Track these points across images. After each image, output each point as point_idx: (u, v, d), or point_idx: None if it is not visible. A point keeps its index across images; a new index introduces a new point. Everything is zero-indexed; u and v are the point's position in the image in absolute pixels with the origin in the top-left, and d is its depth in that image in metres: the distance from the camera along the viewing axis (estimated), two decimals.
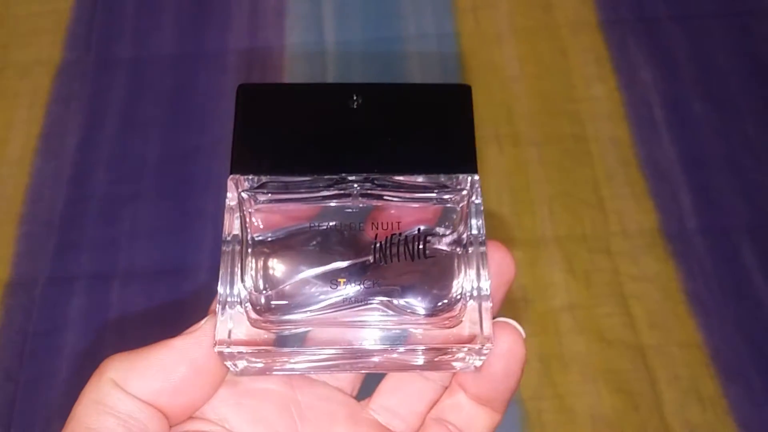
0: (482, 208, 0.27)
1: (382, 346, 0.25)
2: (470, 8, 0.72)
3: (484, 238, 0.26)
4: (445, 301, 0.26)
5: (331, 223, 0.27)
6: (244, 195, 0.27)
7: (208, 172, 0.64)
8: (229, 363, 0.25)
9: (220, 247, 0.26)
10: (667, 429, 0.53)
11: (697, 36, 0.70)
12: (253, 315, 0.26)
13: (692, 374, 0.55)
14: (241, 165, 0.27)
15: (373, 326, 0.26)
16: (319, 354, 0.26)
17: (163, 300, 0.58)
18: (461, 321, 0.26)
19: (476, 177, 0.27)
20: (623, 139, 0.65)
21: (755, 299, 0.57)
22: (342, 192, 0.27)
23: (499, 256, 0.27)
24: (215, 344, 0.25)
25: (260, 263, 0.26)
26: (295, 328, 0.26)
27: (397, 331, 0.26)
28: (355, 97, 0.27)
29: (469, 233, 0.26)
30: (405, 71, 0.68)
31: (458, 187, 0.27)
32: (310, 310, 0.26)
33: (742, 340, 0.56)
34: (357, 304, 0.26)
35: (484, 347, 0.25)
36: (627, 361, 0.55)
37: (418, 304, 0.26)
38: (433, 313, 0.26)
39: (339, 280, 0.26)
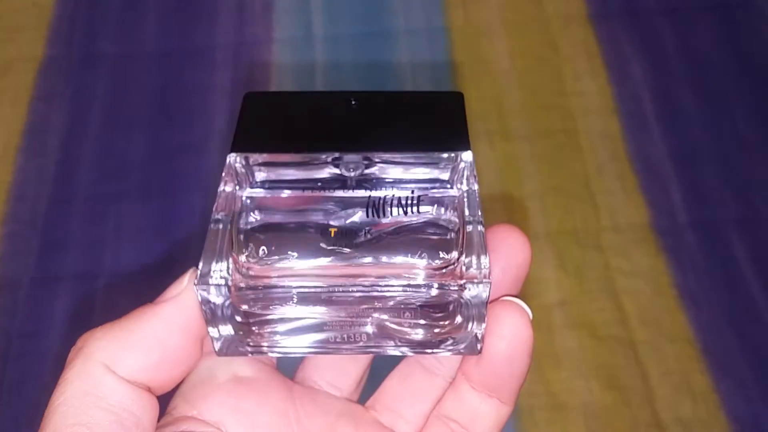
0: (477, 189, 0.26)
1: (375, 280, 0.24)
2: (460, 2, 0.72)
3: (481, 219, 0.25)
4: (440, 256, 0.25)
5: (326, 207, 0.26)
6: (241, 169, 0.26)
7: (194, 169, 0.63)
8: (212, 330, 0.24)
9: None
10: (659, 424, 0.53)
11: (686, 29, 0.70)
12: (241, 271, 0.24)
13: (684, 369, 0.55)
14: (240, 144, 0.27)
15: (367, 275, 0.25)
16: (309, 287, 0.24)
17: (149, 299, 0.57)
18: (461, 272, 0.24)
19: (470, 153, 0.27)
20: (614, 133, 0.64)
21: (746, 293, 0.57)
22: (338, 176, 0.27)
23: (510, 237, 0.26)
24: (197, 282, 0.23)
25: (250, 240, 0.25)
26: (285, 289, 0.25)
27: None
28: (353, 101, 0.28)
29: (466, 215, 0.26)
30: (394, 66, 0.68)
31: (454, 164, 0.27)
32: (303, 264, 0.25)
33: (734, 335, 0.56)
34: (349, 259, 0.25)
35: (483, 272, 0.23)
36: (619, 357, 0.55)
37: (414, 260, 0.25)
38: (430, 273, 0.25)
39: (330, 230, 0.25)
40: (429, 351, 0.26)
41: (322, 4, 0.72)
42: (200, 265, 0.24)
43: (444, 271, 0.25)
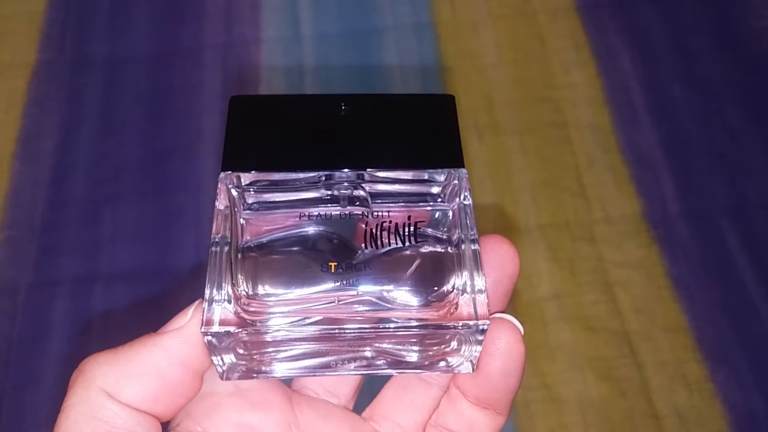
0: (472, 206, 0.27)
1: (373, 326, 0.25)
2: None
3: (476, 236, 0.26)
4: (437, 289, 0.25)
5: (320, 228, 0.26)
6: (234, 193, 0.26)
7: (187, 170, 0.63)
8: (215, 359, 0.25)
9: (201, 246, 0.26)
10: (655, 414, 0.53)
11: (674, 18, 0.69)
12: (242, 307, 0.25)
13: (678, 359, 0.55)
14: (231, 162, 0.27)
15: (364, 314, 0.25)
16: (307, 333, 0.25)
17: (147, 301, 0.58)
18: (455, 311, 0.25)
19: (464, 171, 0.27)
20: (604, 125, 0.64)
21: (739, 282, 0.57)
22: (330, 196, 0.27)
23: (501, 249, 0.26)
24: (202, 325, 0.23)
25: (249, 266, 0.26)
26: (284, 317, 0.25)
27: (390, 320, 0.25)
28: (343, 106, 0.28)
29: (460, 232, 0.26)
30: (383, 62, 0.68)
31: (447, 181, 0.27)
32: (300, 294, 0.25)
33: (728, 323, 0.56)
34: (348, 293, 0.25)
35: (480, 323, 0.24)
36: (613, 348, 0.55)
37: (410, 296, 0.26)
38: (425, 303, 0.25)
39: (330, 264, 0.25)
40: (424, 371, 0.26)
41: (310, 2, 0.72)
42: (204, 305, 0.24)
43: (443, 301, 0.25)
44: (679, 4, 0.70)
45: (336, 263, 0.25)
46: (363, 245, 0.26)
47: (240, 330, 0.24)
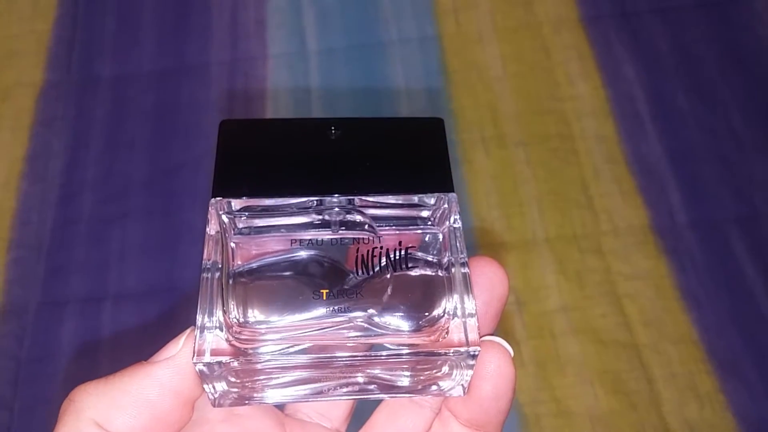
0: (461, 229, 0.27)
1: (364, 354, 0.25)
2: (451, 10, 0.72)
3: (466, 259, 0.26)
4: (426, 314, 0.26)
5: (311, 253, 0.26)
6: (225, 219, 0.27)
7: (194, 187, 0.63)
8: (207, 387, 0.24)
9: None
10: (665, 428, 0.53)
11: (678, 28, 0.69)
12: (233, 335, 0.25)
13: (689, 371, 0.54)
14: (221, 188, 0.27)
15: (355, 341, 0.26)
16: (298, 361, 0.25)
17: (156, 319, 0.58)
18: (446, 336, 0.25)
19: (453, 196, 0.27)
20: (609, 135, 0.64)
21: (748, 291, 0.57)
22: (321, 219, 0.27)
23: (489, 271, 0.26)
24: (194, 356, 0.23)
25: (240, 292, 0.26)
26: (275, 344, 0.25)
27: (381, 346, 0.26)
28: (333, 129, 0.28)
29: (450, 255, 0.26)
30: (388, 76, 0.68)
31: (437, 205, 0.27)
32: (292, 321, 0.25)
33: (738, 334, 0.56)
34: (340, 319, 0.25)
35: (471, 350, 0.24)
36: (623, 361, 0.55)
37: (401, 322, 0.26)
38: (416, 328, 0.26)
39: (321, 291, 0.25)
40: (416, 395, 0.27)
41: (315, 17, 0.72)
42: (196, 333, 0.24)
43: (434, 326, 0.25)
44: (682, 13, 0.70)
45: (327, 290, 0.25)
46: (355, 270, 0.26)
47: (232, 360, 0.24)
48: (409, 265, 0.26)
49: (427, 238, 0.27)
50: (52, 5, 0.74)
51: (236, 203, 0.27)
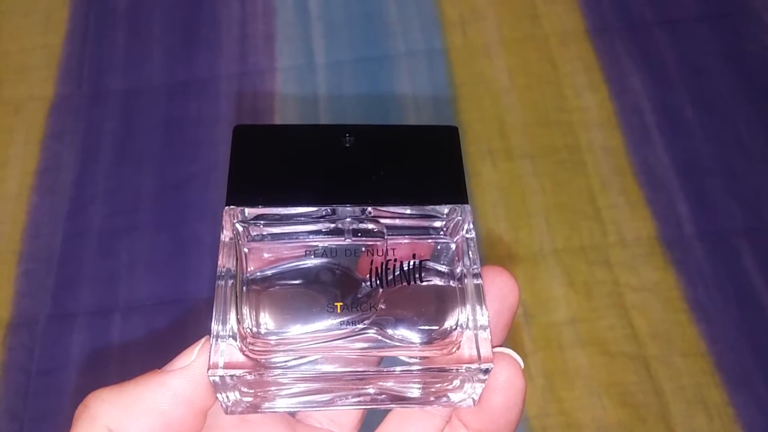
0: (475, 240, 0.27)
1: (377, 369, 0.25)
2: (458, 22, 0.72)
3: (479, 270, 0.26)
4: (437, 327, 0.26)
5: (324, 260, 0.27)
6: (239, 227, 0.27)
7: (204, 200, 0.64)
8: (220, 396, 0.25)
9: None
10: None
11: (684, 39, 0.69)
12: (246, 346, 0.25)
13: (697, 383, 0.54)
14: (235, 197, 0.27)
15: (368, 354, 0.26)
16: (310, 373, 0.25)
17: (165, 331, 0.58)
18: (458, 350, 0.25)
19: (467, 207, 0.27)
20: (616, 147, 0.64)
21: (757, 303, 0.57)
22: (334, 227, 0.27)
23: (500, 281, 0.26)
24: (209, 368, 0.24)
25: (254, 300, 0.26)
26: (287, 357, 0.25)
27: (393, 358, 0.26)
28: (347, 136, 0.28)
29: (463, 266, 0.26)
30: (395, 89, 0.68)
31: (451, 216, 0.27)
32: (305, 332, 0.25)
33: (747, 346, 0.55)
34: (352, 331, 0.25)
35: (483, 366, 0.24)
36: (631, 374, 0.55)
37: (413, 334, 0.26)
38: (428, 341, 0.26)
39: (336, 304, 0.26)
40: (426, 405, 0.27)
41: (323, 31, 0.72)
42: (211, 343, 0.24)
43: (446, 339, 0.25)
44: (689, 24, 0.70)
45: (341, 303, 0.26)
46: (368, 280, 0.26)
47: (246, 372, 0.24)
48: (423, 277, 0.26)
49: (438, 247, 0.27)
50: (64, 20, 0.74)
51: (249, 211, 0.27)
